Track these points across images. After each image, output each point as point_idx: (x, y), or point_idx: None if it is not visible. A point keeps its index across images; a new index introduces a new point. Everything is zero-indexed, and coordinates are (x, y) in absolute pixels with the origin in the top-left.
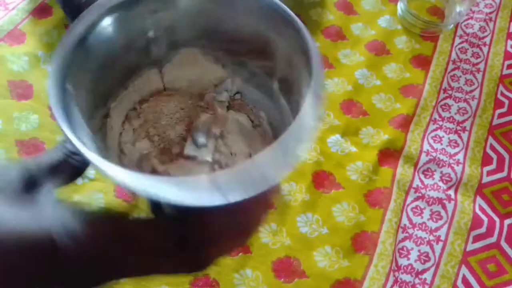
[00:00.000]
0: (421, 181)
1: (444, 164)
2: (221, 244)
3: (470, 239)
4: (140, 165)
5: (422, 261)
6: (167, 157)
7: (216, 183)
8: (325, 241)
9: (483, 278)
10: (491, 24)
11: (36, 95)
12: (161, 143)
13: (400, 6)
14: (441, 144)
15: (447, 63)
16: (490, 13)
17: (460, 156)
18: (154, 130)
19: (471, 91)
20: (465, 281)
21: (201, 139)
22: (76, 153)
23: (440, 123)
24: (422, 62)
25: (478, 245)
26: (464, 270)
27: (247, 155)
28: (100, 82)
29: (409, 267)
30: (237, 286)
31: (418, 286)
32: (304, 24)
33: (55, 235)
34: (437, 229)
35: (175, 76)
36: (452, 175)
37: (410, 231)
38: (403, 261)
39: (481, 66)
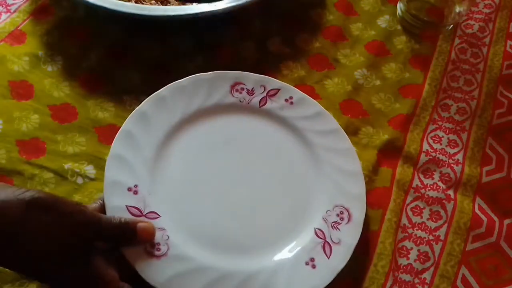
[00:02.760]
0: (421, 181)
1: (444, 164)
2: None
3: (470, 239)
4: None
5: (422, 261)
6: None
7: None
8: None
9: (483, 277)
10: (490, 25)
11: (37, 95)
12: None
13: (399, 7)
14: (441, 144)
15: (447, 63)
16: (490, 13)
17: (459, 156)
18: None
19: (471, 91)
20: (464, 280)
21: None
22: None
23: (440, 123)
24: (421, 62)
25: (477, 245)
26: (463, 270)
27: None
28: None
29: (409, 267)
30: None
31: (417, 285)
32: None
33: None
34: (436, 228)
35: None
36: (452, 175)
37: (410, 230)
38: (402, 261)
39: (481, 66)
